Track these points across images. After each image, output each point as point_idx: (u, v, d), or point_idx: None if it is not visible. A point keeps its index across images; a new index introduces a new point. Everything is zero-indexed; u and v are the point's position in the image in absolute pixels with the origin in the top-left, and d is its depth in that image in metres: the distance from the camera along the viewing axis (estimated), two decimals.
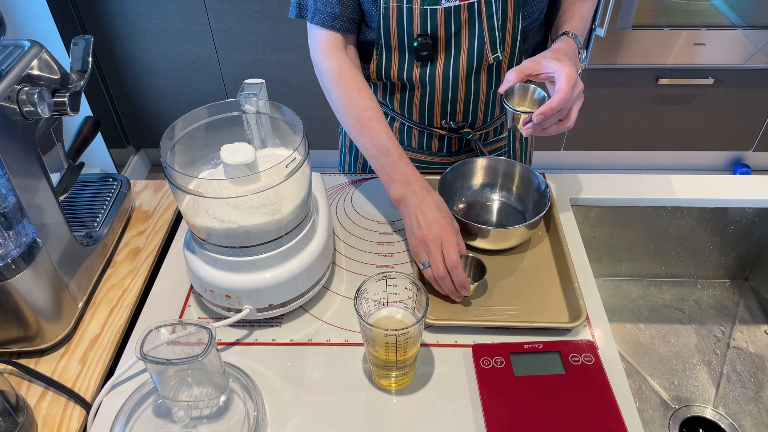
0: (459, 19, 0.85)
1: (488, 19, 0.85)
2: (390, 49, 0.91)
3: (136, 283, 0.85)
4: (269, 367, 0.74)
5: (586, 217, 1.01)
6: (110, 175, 0.95)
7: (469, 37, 0.87)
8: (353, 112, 0.86)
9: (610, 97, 2.20)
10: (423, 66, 0.91)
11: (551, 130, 0.79)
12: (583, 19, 0.91)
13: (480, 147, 1.01)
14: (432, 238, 0.77)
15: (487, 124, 1.01)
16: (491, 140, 1.06)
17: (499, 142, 1.07)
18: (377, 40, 0.90)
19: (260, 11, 2.03)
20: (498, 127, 1.05)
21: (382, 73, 0.95)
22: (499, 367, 0.70)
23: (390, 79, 0.95)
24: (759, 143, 2.35)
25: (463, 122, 0.99)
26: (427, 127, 1.01)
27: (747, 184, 1.00)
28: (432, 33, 0.87)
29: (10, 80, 0.65)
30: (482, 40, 0.87)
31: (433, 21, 0.85)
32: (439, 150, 1.04)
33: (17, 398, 0.64)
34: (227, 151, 0.69)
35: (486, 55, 0.89)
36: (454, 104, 0.96)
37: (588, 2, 0.93)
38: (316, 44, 0.91)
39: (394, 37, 0.89)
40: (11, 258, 0.68)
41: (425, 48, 0.88)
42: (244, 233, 0.69)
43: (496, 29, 0.86)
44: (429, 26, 0.86)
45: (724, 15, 2.00)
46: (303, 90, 2.23)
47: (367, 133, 0.85)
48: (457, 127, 0.99)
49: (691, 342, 1.01)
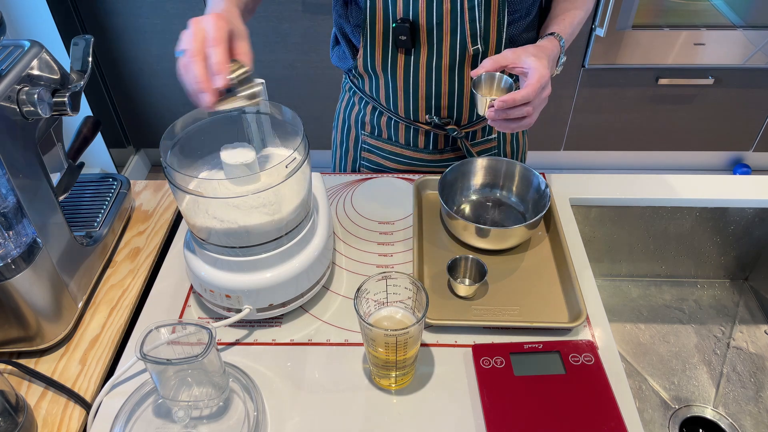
0: (441, 8, 0.86)
1: (470, 10, 0.86)
2: (374, 36, 0.92)
3: (136, 283, 0.85)
4: (269, 367, 0.74)
5: (586, 217, 1.01)
6: (110, 175, 0.95)
7: (451, 29, 0.88)
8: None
9: (610, 97, 2.20)
10: (406, 56, 0.92)
11: (512, 125, 0.80)
12: (572, 24, 0.91)
13: (466, 145, 1.01)
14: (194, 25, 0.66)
15: (473, 122, 1.02)
16: (480, 140, 1.06)
17: (488, 143, 1.07)
18: (363, 26, 0.91)
19: (260, 11, 2.03)
20: (487, 128, 1.05)
21: (368, 63, 0.96)
22: (499, 367, 0.70)
23: (375, 70, 0.96)
24: (759, 143, 2.35)
25: (448, 118, 0.99)
26: (412, 122, 1.02)
27: (747, 184, 1.01)
28: (414, 19, 0.88)
29: (10, 80, 0.65)
30: (464, 31, 0.88)
31: (415, 6, 0.87)
32: (425, 146, 1.05)
33: (17, 398, 0.64)
34: (227, 151, 0.69)
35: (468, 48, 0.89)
36: (438, 98, 0.96)
37: (580, 9, 0.93)
38: None
39: (379, 22, 0.90)
40: (11, 258, 0.68)
41: (403, 32, 0.89)
42: (244, 233, 0.69)
43: (477, 21, 0.87)
44: (411, 11, 0.87)
45: (724, 15, 2.00)
46: (303, 90, 2.23)
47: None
48: (441, 123, 0.99)
49: (691, 342, 1.01)
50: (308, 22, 2.05)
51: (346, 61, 1.01)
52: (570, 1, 0.93)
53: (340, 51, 1.02)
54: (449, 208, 0.86)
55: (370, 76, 0.99)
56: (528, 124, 0.81)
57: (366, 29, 0.92)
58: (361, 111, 1.07)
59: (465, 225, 0.84)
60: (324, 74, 2.18)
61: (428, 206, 0.96)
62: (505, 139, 1.08)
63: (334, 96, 1.20)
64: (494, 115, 0.79)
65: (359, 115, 1.07)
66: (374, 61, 0.95)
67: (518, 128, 0.81)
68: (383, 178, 1.04)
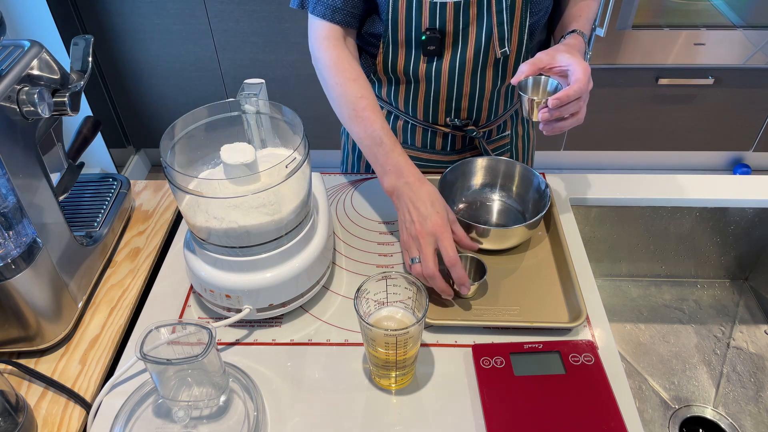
0: (468, 14, 0.86)
1: (498, 14, 0.86)
2: (397, 42, 0.91)
3: (136, 283, 0.85)
4: (269, 367, 0.74)
5: (586, 217, 1.01)
6: (110, 175, 0.95)
7: (477, 32, 0.87)
8: (348, 101, 0.85)
9: (610, 97, 2.20)
10: (429, 61, 0.91)
11: (565, 124, 0.79)
12: (589, 19, 0.92)
13: (484, 145, 1.01)
14: (424, 234, 0.75)
15: (490, 121, 1.01)
16: (494, 138, 1.05)
17: (502, 140, 1.07)
18: (385, 33, 0.90)
19: (260, 11, 2.03)
20: (501, 125, 1.05)
21: (388, 67, 0.94)
22: (499, 367, 0.70)
23: (396, 73, 0.95)
24: (759, 143, 2.35)
25: (467, 119, 0.99)
26: (431, 125, 1.01)
27: (747, 184, 1.01)
28: (440, 27, 0.87)
29: (10, 80, 0.65)
30: (490, 34, 0.87)
31: (442, 15, 0.86)
32: (442, 148, 1.04)
33: (17, 398, 0.64)
34: (227, 151, 0.69)
35: (493, 50, 0.89)
36: (459, 100, 0.96)
37: (593, 2, 0.93)
38: (315, 34, 0.90)
39: (402, 31, 0.89)
40: (11, 258, 0.68)
41: (433, 42, 0.88)
42: (244, 233, 0.69)
43: (505, 24, 0.86)
44: (438, 21, 0.86)
45: (724, 15, 2.00)
46: (303, 90, 2.23)
47: (360, 123, 0.84)
48: (461, 124, 0.99)
49: (691, 342, 1.01)
50: None
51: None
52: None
53: None
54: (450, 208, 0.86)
55: (389, 80, 0.98)
56: (580, 119, 0.79)
57: (388, 37, 0.90)
58: None
59: (465, 225, 0.84)
60: None
61: None
62: (517, 134, 1.08)
63: None
64: (548, 116, 0.77)
65: None
66: (396, 66, 0.94)
67: (570, 125, 0.79)
68: None
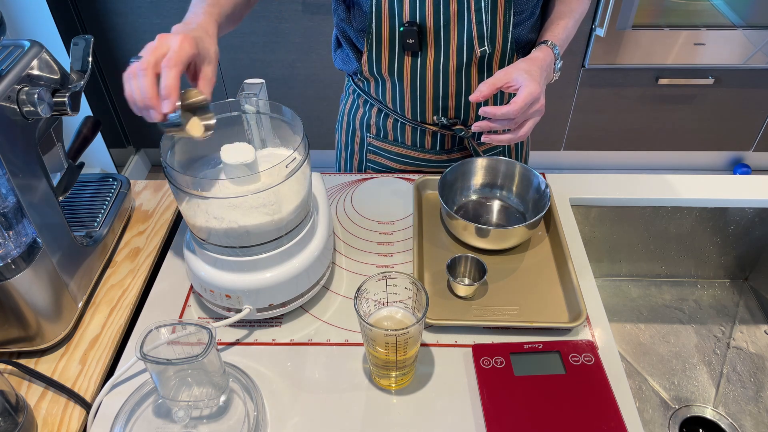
0: (448, 10, 0.87)
1: (476, 12, 0.87)
2: (380, 39, 0.91)
3: (136, 283, 0.85)
4: (269, 367, 0.74)
5: (586, 217, 1.01)
6: (110, 175, 0.95)
7: (458, 30, 0.88)
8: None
9: (610, 97, 2.20)
10: (413, 59, 0.92)
11: (503, 138, 0.83)
12: (567, 28, 0.92)
13: (473, 145, 1.01)
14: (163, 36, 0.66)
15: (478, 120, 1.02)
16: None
17: None
18: (368, 29, 0.91)
19: (260, 11, 2.03)
20: None
21: (373, 67, 0.95)
22: (499, 367, 0.70)
23: (381, 74, 0.96)
24: (759, 143, 2.35)
25: (456, 118, 0.99)
26: (419, 124, 1.01)
27: (747, 184, 1.01)
28: (420, 22, 0.88)
29: (10, 80, 0.65)
30: (471, 33, 0.88)
31: (422, 9, 0.87)
32: (432, 147, 1.05)
33: (17, 398, 0.64)
34: (227, 151, 0.69)
35: (475, 49, 0.90)
36: (445, 99, 0.96)
37: (574, 12, 0.93)
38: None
39: (385, 26, 0.89)
40: (11, 258, 0.68)
41: (411, 35, 0.88)
42: (244, 233, 0.69)
43: (484, 23, 0.87)
44: (418, 14, 0.87)
45: (724, 15, 2.00)
46: (303, 90, 2.23)
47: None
48: (449, 123, 0.99)
49: (691, 342, 1.01)
50: (308, 22, 2.05)
51: (350, 64, 1.00)
52: (564, 3, 0.94)
53: (343, 54, 1.02)
54: (449, 208, 0.87)
55: (376, 79, 0.99)
56: (522, 136, 0.83)
57: (371, 33, 0.91)
58: (366, 113, 1.06)
59: (465, 225, 0.84)
60: (324, 74, 2.18)
61: (428, 206, 0.96)
62: None
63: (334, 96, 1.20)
64: (479, 128, 0.82)
65: (364, 117, 1.07)
66: (380, 64, 0.95)
67: (508, 141, 0.83)
68: (383, 178, 1.04)
